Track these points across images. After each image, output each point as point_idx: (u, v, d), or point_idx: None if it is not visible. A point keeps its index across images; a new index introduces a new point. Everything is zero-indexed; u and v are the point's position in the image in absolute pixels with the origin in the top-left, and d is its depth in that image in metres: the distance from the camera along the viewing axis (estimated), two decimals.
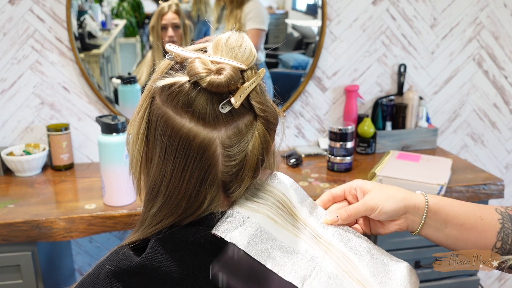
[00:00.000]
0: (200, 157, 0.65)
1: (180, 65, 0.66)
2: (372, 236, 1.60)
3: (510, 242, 0.78)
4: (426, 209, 0.78)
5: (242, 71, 0.65)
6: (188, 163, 0.65)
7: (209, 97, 0.63)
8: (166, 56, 0.69)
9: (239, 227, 0.67)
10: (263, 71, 0.68)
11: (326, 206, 0.82)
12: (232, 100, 0.63)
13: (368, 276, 0.71)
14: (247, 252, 0.65)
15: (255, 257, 0.65)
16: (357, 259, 0.73)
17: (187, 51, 0.66)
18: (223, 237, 0.66)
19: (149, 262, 0.66)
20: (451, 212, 0.79)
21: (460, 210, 0.79)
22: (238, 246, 0.65)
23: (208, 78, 0.62)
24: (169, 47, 0.66)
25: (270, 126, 0.69)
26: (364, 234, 0.81)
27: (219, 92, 0.63)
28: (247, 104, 0.66)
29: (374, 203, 0.77)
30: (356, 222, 0.82)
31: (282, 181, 0.75)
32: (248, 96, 0.65)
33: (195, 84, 0.63)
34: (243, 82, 0.65)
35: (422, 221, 0.79)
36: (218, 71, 0.63)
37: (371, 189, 0.79)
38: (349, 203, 0.82)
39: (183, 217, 0.68)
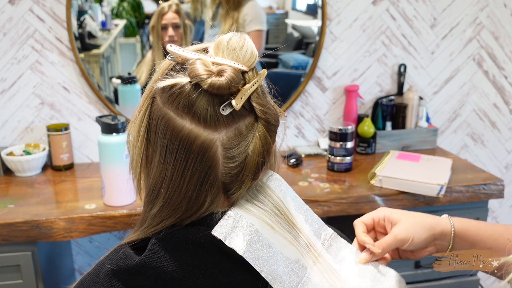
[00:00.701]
0: (201, 159, 0.65)
1: (181, 65, 0.66)
2: None
3: None
4: (452, 234, 0.79)
5: (243, 73, 0.65)
6: (189, 165, 0.65)
7: (210, 99, 0.63)
8: (167, 57, 0.69)
9: (239, 232, 0.67)
10: (264, 72, 0.68)
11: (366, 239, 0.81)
12: (233, 102, 0.63)
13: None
14: (245, 258, 0.66)
15: (252, 264, 0.66)
16: (345, 271, 0.74)
17: (188, 52, 0.66)
18: (222, 240, 0.66)
19: (149, 261, 0.66)
20: (478, 236, 0.79)
21: (488, 233, 0.79)
22: (237, 251, 0.66)
23: (209, 80, 0.62)
24: (170, 47, 0.66)
25: (271, 128, 0.69)
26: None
27: (220, 94, 0.63)
28: (248, 106, 0.66)
29: (405, 236, 0.77)
30: None
31: (280, 186, 0.75)
32: (249, 97, 0.65)
33: (196, 85, 0.63)
34: (244, 84, 0.65)
35: (450, 246, 0.79)
36: (219, 73, 0.63)
37: (400, 220, 0.79)
38: (376, 232, 0.82)
39: (183, 218, 0.68)
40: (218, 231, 0.66)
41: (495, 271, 0.76)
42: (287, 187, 0.76)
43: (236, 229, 0.67)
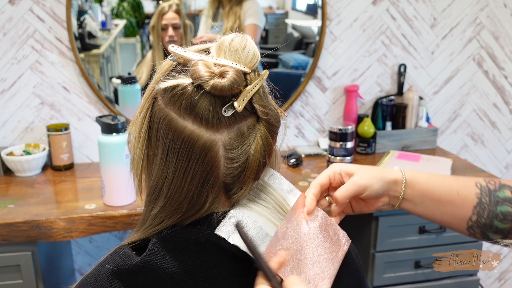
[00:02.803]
0: (203, 159, 0.65)
1: (182, 66, 0.66)
2: (372, 237, 1.61)
3: (486, 216, 0.79)
4: (403, 183, 0.81)
5: (245, 74, 0.65)
6: (190, 165, 0.65)
7: (212, 100, 0.63)
8: (168, 57, 0.68)
9: (242, 229, 0.67)
10: (266, 73, 0.67)
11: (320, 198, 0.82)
12: (235, 104, 0.63)
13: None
14: (248, 253, 0.66)
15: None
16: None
17: (190, 53, 0.66)
18: (226, 239, 0.66)
19: (149, 261, 0.66)
20: (427, 187, 0.82)
21: (436, 185, 0.82)
22: (241, 248, 0.66)
23: (211, 82, 0.62)
24: (172, 48, 0.66)
25: (273, 129, 0.69)
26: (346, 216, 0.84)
27: (222, 96, 0.63)
28: (249, 107, 0.66)
29: (364, 183, 0.79)
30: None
31: (281, 184, 0.75)
32: (251, 99, 0.65)
33: (198, 87, 0.63)
34: (246, 85, 0.65)
35: (401, 196, 0.81)
36: (222, 75, 0.63)
37: (356, 171, 0.81)
38: (335, 189, 0.82)
39: (184, 218, 0.68)
40: (222, 230, 0.67)
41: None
42: (289, 186, 0.76)
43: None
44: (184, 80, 0.64)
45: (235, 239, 0.66)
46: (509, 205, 0.79)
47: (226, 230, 0.67)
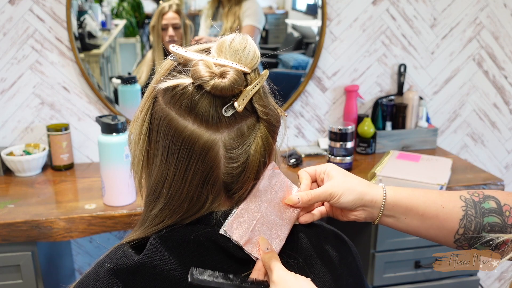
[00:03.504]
0: (203, 159, 0.65)
1: (183, 66, 0.66)
2: (372, 237, 1.61)
3: (473, 229, 0.78)
4: (383, 203, 0.79)
5: (246, 74, 0.65)
6: (191, 165, 0.65)
7: (212, 100, 0.63)
8: (169, 57, 0.69)
9: (244, 225, 0.68)
10: (266, 73, 0.68)
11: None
12: (236, 104, 0.63)
13: None
14: (248, 254, 0.67)
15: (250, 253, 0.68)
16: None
17: (191, 53, 0.66)
18: (228, 236, 0.67)
19: (148, 260, 0.66)
20: (410, 204, 0.80)
21: (420, 200, 0.80)
22: (240, 248, 0.67)
23: (212, 82, 0.62)
24: (172, 48, 0.66)
25: (273, 129, 0.69)
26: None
27: (223, 96, 0.63)
28: (250, 107, 0.66)
29: (333, 191, 0.77)
30: (323, 204, 0.82)
31: (283, 181, 0.75)
32: (251, 99, 0.65)
33: (199, 87, 0.63)
34: (246, 85, 0.65)
35: (380, 214, 0.79)
36: (222, 75, 0.63)
37: (335, 177, 0.79)
38: (318, 186, 0.82)
39: (184, 218, 0.69)
40: (225, 226, 0.67)
41: (498, 248, 0.76)
42: (289, 182, 0.76)
43: (241, 224, 0.68)
44: (185, 80, 0.64)
45: (233, 234, 0.67)
46: (495, 215, 0.78)
47: (229, 229, 0.68)
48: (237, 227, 0.68)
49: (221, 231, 0.67)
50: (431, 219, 0.79)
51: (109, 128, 1.39)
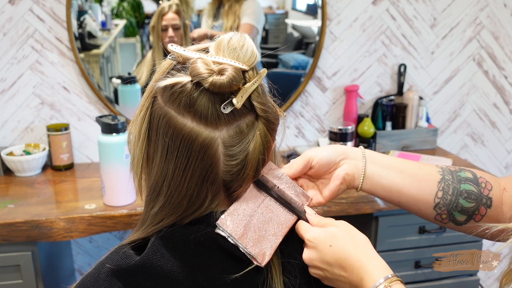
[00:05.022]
0: (202, 157, 0.65)
1: (182, 65, 0.67)
2: (372, 237, 1.61)
3: (451, 193, 0.79)
4: (364, 153, 0.80)
5: (244, 72, 0.66)
6: (190, 162, 0.65)
7: (211, 98, 0.64)
8: (168, 56, 0.69)
9: (239, 220, 0.68)
10: (264, 71, 0.68)
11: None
12: (234, 100, 0.64)
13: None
14: (249, 253, 0.67)
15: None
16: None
17: (189, 52, 0.66)
18: (222, 230, 0.67)
19: (148, 261, 0.66)
20: (389, 160, 0.81)
21: (397, 159, 0.82)
22: (240, 247, 0.67)
23: (210, 79, 0.62)
24: (171, 47, 0.66)
25: (271, 126, 0.69)
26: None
27: (221, 93, 0.64)
28: (248, 105, 0.66)
29: (312, 153, 0.79)
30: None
31: (281, 178, 0.75)
32: (249, 96, 0.66)
33: (198, 84, 0.64)
34: (245, 83, 0.66)
35: (364, 164, 0.79)
36: (220, 72, 0.63)
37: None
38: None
39: (184, 216, 0.69)
40: (218, 223, 0.68)
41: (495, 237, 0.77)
42: (286, 178, 0.77)
43: (235, 216, 0.69)
44: (183, 78, 0.65)
45: (227, 228, 0.68)
46: (471, 184, 0.79)
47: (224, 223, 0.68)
48: (232, 221, 0.68)
49: (217, 227, 0.68)
50: (411, 177, 0.79)
51: (109, 128, 1.39)
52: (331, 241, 0.68)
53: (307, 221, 0.72)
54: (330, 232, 0.69)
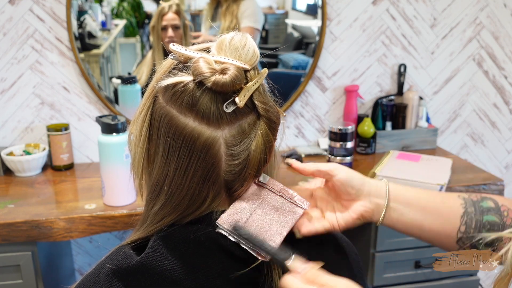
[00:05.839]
0: (204, 156, 0.65)
1: (183, 64, 0.67)
2: (372, 237, 1.61)
3: (474, 227, 0.77)
4: (387, 190, 0.78)
5: (246, 71, 0.66)
6: (192, 162, 0.65)
7: (213, 97, 0.64)
8: (169, 56, 0.69)
9: (239, 218, 0.68)
10: (265, 71, 0.68)
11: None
12: (237, 99, 0.64)
13: None
14: (249, 252, 0.67)
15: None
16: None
17: (191, 51, 0.66)
18: (221, 229, 0.67)
19: (149, 261, 0.66)
20: (411, 196, 0.79)
21: (421, 194, 0.80)
22: (240, 247, 0.67)
23: (213, 78, 0.62)
24: (172, 46, 0.66)
25: (273, 126, 0.69)
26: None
27: (224, 92, 0.64)
28: (250, 104, 0.66)
29: (335, 167, 0.78)
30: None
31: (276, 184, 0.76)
32: (251, 96, 0.66)
33: (200, 83, 0.64)
34: (247, 82, 0.66)
35: (386, 202, 0.78)
36: (223, 71, 0.63)
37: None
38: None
39: (184, 215, 0.69)
40: (218, 222, 0.68)
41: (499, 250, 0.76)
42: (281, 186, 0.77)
43: (235, 215, 0.69)
44: (185, 78, 0.65)
45: (225, 223, 0.67)
46: (494, 214, 0.78)
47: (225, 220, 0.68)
48: (233, 220, 0.68)
49: (217, 226, 0.68)
50: (433, 214, 0.78)
51: (109, 128, 1.39)
52: None
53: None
54: None
